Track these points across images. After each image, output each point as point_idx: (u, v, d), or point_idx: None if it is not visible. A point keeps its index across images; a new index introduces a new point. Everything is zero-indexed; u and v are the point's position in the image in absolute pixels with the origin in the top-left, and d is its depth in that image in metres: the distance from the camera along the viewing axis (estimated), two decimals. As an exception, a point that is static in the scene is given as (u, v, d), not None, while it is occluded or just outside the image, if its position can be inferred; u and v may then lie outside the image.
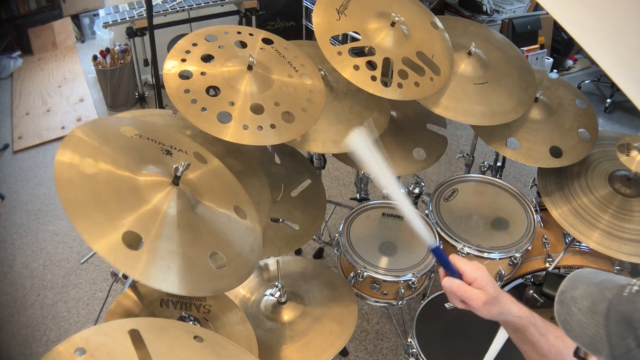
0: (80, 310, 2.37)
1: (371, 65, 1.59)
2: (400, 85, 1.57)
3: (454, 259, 0.99)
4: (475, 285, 0.95)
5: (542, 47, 3.97)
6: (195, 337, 0.99)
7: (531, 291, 1.78)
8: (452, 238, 1.78)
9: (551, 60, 3.99)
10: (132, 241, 1.00)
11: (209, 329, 1.25)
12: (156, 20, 2.99)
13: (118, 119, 1.36)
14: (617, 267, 1.79)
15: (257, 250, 1.23)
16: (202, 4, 3.31)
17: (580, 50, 4.35)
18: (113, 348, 0.89)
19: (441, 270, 1.00)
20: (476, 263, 0.98)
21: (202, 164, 1.32)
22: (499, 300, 0.95)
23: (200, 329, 1.08)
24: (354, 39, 1.68)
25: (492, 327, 1.51)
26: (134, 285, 1.28)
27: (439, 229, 1.81)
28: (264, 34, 1.61)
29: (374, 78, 1.55)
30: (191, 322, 1.20)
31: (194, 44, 1.47)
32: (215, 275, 1.08)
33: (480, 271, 0.96)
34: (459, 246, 1.76)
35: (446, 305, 1.60)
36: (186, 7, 3.27)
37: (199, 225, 1.13)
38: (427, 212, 1.90)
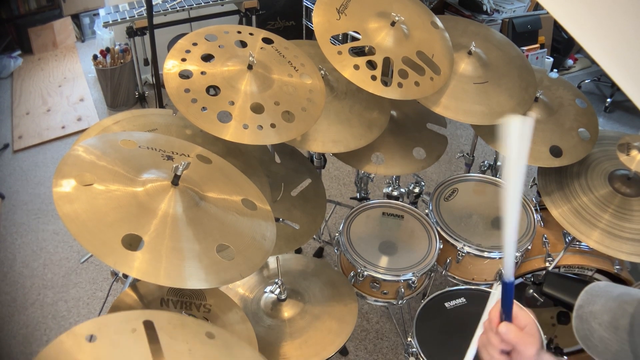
0: (81, 309, 2.37)
1: (371, 65, 1.59)
2: (400, 85, 1.57)
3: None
4: (526, 332, 0.82)
5: (542, 46, 3.97)
6: (206, 334, 0.99)
7: (531, 290, 1.78)
8: (452, 237, 1.78)
9: (551, 59, 3.99)
10: (134, 242, 1.01)
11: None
12: (156, 20, 2.99)
13: (116, 134, 1.36)
14: (617, 267, 1.79)
15: (270, 237, 1.23)
16: (202, 4, 3.31)
17: (580, 49, 4.35)
18: (124, 339, 0.89)
19: (495, 313, 0.84)
20: (525, 309, 0.85)
21: (207, 164, 1.32)
22: (540, 354, 0.82)
23: (212, 326, 1.08)
24: (354, 39, 1.68)
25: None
26: (134, 285, 1.28)
27: (439, 229, 1.81)
28: (264, 33, 1.61)
29: (374, 78, 1.55)
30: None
31: (194, 44, 1.47)
32: (224, 266, 1.08)
33: (532, 317, 0.84)
34: (459, 245, 1.76)
35: (446, 304, 1.60)
36: (186, 6, 3.27)
37: (205, 221, 1.14)
38: (427, 211, 1.90)
